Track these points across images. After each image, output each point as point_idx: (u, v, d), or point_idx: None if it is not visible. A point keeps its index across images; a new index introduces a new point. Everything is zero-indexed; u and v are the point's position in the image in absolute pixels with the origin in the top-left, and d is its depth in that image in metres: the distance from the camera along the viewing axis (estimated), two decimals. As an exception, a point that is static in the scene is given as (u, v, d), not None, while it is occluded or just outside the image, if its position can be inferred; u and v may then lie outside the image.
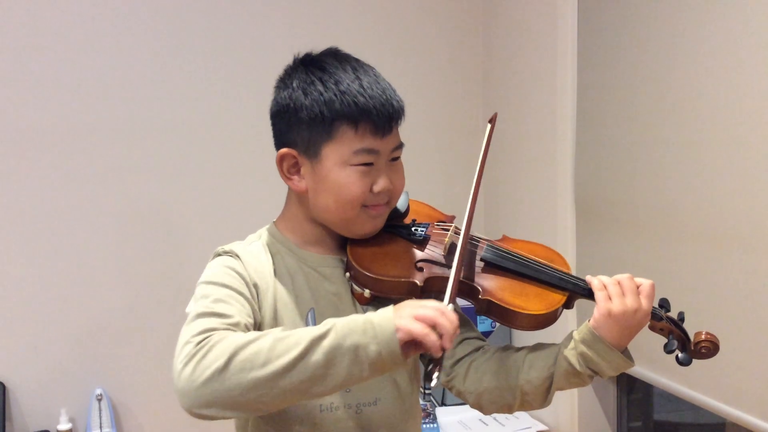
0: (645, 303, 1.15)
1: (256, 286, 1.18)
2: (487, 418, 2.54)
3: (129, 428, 2.47)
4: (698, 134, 1.83)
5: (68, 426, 2.31)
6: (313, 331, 0.97)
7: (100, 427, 2.32)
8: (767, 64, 1.62)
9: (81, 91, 2.36)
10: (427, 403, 2.57)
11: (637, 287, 1.16)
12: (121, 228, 2.43)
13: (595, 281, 1.18)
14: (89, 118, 2.37)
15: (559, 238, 2.40)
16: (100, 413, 2.33)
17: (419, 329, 0.95)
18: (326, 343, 0.95)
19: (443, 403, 2.66)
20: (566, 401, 2.41)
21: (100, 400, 2.34)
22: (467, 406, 2.60)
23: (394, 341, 0.95)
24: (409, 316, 0.97)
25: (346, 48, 1.26)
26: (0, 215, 2.30)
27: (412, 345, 0.97)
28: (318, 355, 0.95)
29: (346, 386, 1.02)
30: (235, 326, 1.05)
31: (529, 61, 2.57)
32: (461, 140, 2.86)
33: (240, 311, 1.10)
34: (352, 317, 0.99)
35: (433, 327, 0.96)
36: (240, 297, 1.13)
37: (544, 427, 2.50)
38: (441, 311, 0.98)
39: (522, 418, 2.55)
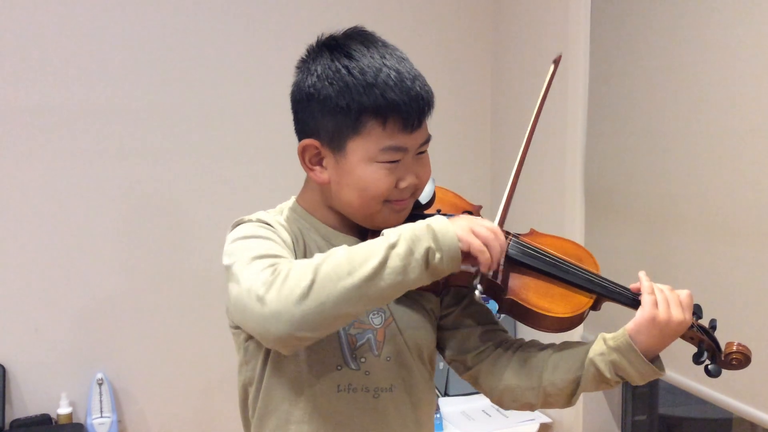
0: (687, 315, 1.13)
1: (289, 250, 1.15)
2: (490, 410, 2.52)
3: (129, 413, 2.46)
4: (710, 127, 1.81)
5: (68, 410, 2.30)
6: (384, 240, 1.00)
7: (101, 412, 2.31)
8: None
9: (89, 73, 2.34)
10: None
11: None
12: (124, 212, 2.41)
13: (645, 283, 1.15)
14: (95, 99, 2.35)
15: (567, 231, 2.38)
16: (100, 397, 2.32)
17: (477, 244, 1.01)
18: (401, 250, 0.98)
19: (446, 394, 2.64)
20: (571, 394, 2.39)
21: (100, 385, 2.33)
22: (471, 397, 2.62)
23: (455, 249, 1.00)
24: (467, 230, 1.02)
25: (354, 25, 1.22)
26: (2, 197, 2.28)
27: (465, 256, 1.02)
28: (395, 261, 0.98)
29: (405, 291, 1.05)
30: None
31: (539, 52, 2.54)
32: (468, 132, 2.84)
33: (291, 256, 1.09)
34: (411, 224, 1.01)
35: (486, 245, 1.02)
36: (283, 248, 1.10)
37: (548, 420, 2.49)
38: (495, 233, 1.03)
39: (526, 409, 2.53)
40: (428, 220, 1.02)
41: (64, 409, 2.30)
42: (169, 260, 2.46)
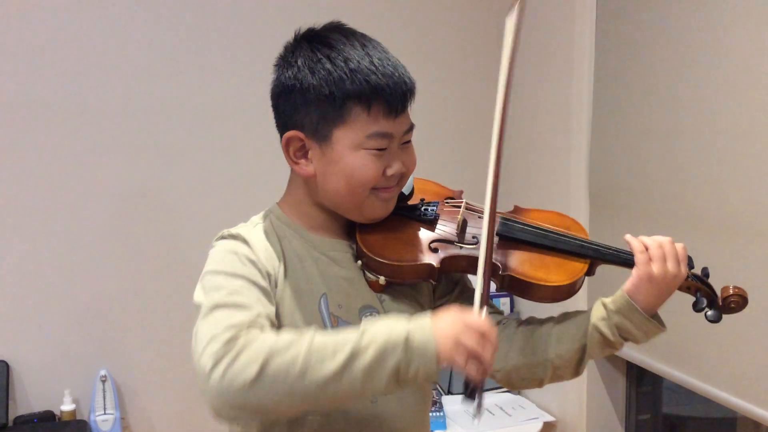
0: (683, 268, 1.13)
1: (268, 271, 1.12)
2: (493, 408, 2.52)
3: (133, 410, 2.47)
4: (715, 123, 1.80)
5: (72, 407, 2.31)
6: (352, 342, 0.94)
7: (104, 409, 2.31)
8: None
9: (87, 71, 2.34)
10: (433, 391, 2.55)
11: None
12: (125, 208, 2.42)
13: (635, 242, 1.14)
14: (91, 96, 2.35)
15: (570, 227, 2.37)
16: (104, 394, 2.32)
17: (461, 361, 0.94)
18: (367, 359, 0.93)
19: (449, 392, 2.64)
20: (574, 392, 2.39)
21: (104, 382, 2.33)
22: (474, 395, 2.61)
23: (433, 365, 0.94)
24: (452, 343, 0.94)
25: (355, 23, 1.21)
26: (3, 195, 2.29)
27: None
28: (357, 370, 0.93)
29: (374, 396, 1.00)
30: (258, 317, 1.01)
31: (545, 47, 2.53)
32: (472, 121, 2.83)
33: (257, 301, 1.05)
34: (391, 327, 0.95)
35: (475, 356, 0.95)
36: (254, 287, 1.07)
37: (551, 418, 2.48)
38: (485, 339, 0.95)
39: (529, 408, 2.53)
40: (412, 329, 0.95)
41: (67, 406, 2.30)
42: (172, 257, 2.46)
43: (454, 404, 2.54)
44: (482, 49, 2.81)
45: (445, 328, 0.95)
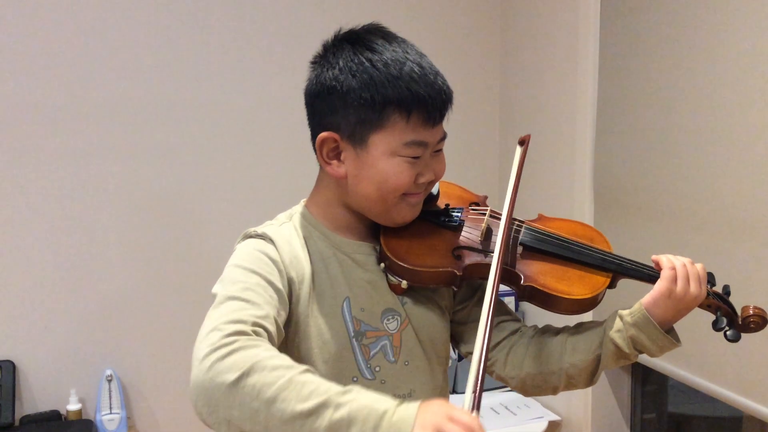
0: (703, 289, 1.15)
1: (290, 275, 1.13)
2: (498, 407, 2.52)
3: (138, 409, 2.47)
4: (719, 123, 1.80)
5: (78, 406, 2.31)
6: (331, 393, 0.89)
7: (110, 408, 2.32)
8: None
9: (99, 71, 2.35)
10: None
11: None
12: (133, 209, 2.42)
13: (664, 259, 1.16)
14: (103, 97, 2.36)
15: (575, 226, 2.37)
16: (110, 394, 2.33)
17: None
18: (335, 417, 0.87)
19: (454, 391, 2.63)
20: (580, 391, 2.38)
21: (110, 381, 2.34)
22: (478, 394, 2.61)
23: None
24: (431, 430, 0.86)
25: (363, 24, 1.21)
26: (11, 195, 2.29)
27: None
28: (321, 422, 0.87)
29: None
30: (264, 319, 1.01)
31: (549, 48, 2.53)
32: (477, 126, 2.83)
33: (268, 302, 1.05)
34: (377, 399, 0.90)
35: None
36: (270, 288, 1.07)
37: (556, 417, 2.48)
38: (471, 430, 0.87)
39: (534, 407, 2.52)
40: (393, 408, 0.88)
41: (73, 406, 2.31)
42: (177, 258, 2.47)
43: (459, 403, 2.53)
44: (490, 47, 2.81)
45: (429, 416, 0.88)
